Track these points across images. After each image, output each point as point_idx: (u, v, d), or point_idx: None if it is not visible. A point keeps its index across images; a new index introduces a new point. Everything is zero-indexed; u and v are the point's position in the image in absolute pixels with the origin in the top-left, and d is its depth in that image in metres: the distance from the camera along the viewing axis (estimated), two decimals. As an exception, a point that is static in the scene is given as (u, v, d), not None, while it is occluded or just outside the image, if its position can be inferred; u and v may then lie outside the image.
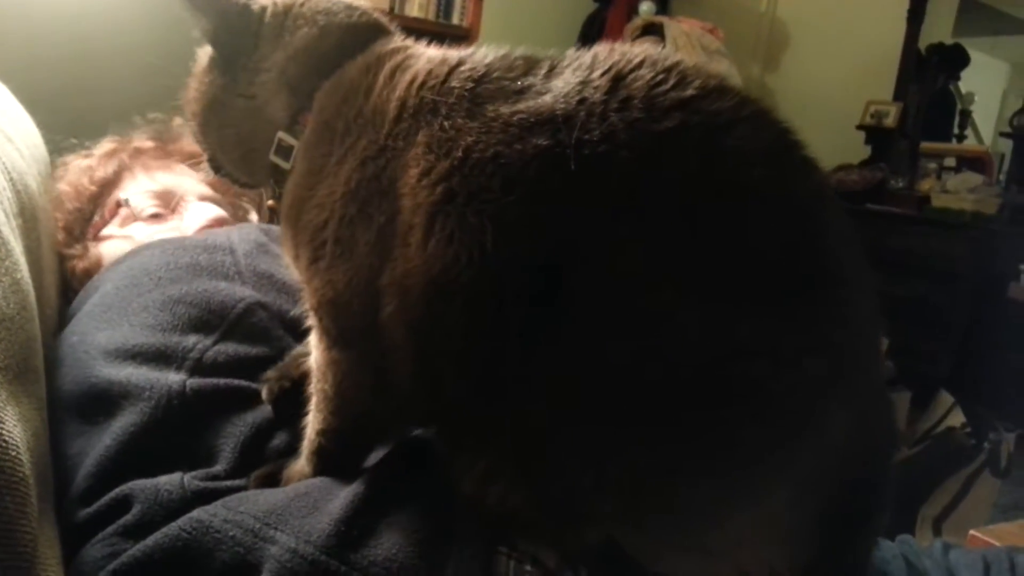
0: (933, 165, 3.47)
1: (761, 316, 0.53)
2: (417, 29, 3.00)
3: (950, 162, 3.46)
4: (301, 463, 0.72)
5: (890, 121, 3.55)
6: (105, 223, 1.08)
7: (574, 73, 0.59)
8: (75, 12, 1.86)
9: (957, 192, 3.21)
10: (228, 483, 0.69)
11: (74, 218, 1.06)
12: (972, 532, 1.04)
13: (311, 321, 0.70)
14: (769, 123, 0.58)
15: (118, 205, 1.08)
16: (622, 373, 0.54)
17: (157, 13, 1.91)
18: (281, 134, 0.73)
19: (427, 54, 0.69)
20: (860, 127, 3.66)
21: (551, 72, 0.61)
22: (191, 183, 1.12)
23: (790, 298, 0.54)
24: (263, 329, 0.81)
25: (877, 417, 0.61)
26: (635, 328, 0.54)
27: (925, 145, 3.55)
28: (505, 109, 0.58)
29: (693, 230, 0.54)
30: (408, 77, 0.65)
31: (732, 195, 0.55)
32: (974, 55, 3.61)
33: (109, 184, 1.11)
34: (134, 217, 1.08)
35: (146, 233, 1.04)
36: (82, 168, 1.12)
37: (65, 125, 1.11)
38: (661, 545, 0.62)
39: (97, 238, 1.08)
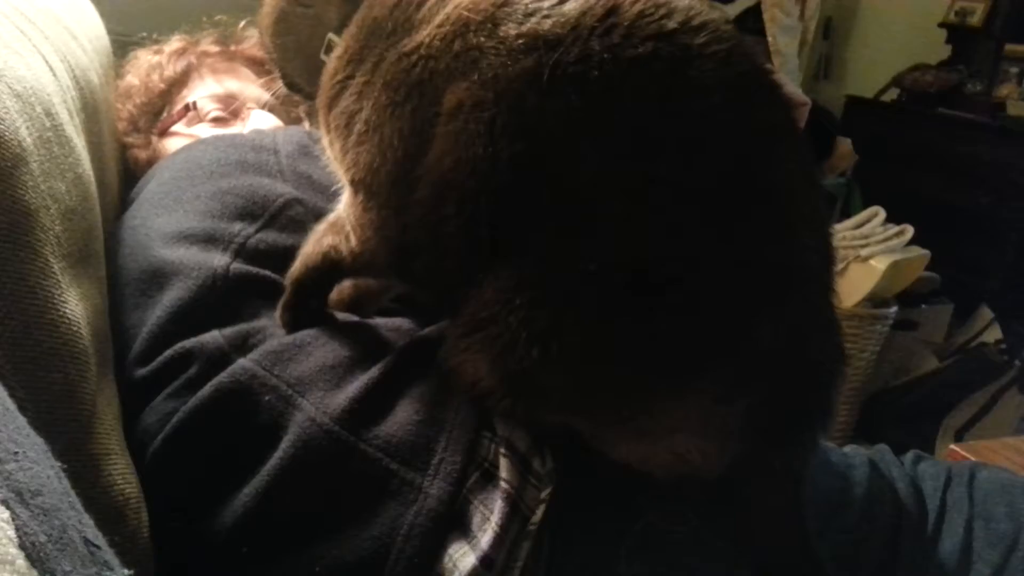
0: (1015, 70, 3.28)
1: (701, 226, 0.60)
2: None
3: (1034, 67, 3.27)
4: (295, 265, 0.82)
5: (975, 20, 3.36)
6: (173, 121, 1.17)
7: (581, 2, 0.64)
8: None
9: (1035, 101, 3.07)
10: (253, 325, 0.80)
11: (140, 112, 1.16)
12: (951, 446, 1.10)
13: (346, 191, 0.78)
14: (739, 60, 0.63)
15: (187, 108, 1.17)
16: (567, 264, 0.62)
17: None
18: (331, 35, 0.80)
19: None
20: (943, 24, 3.47)
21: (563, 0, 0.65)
22: (253, 89, 1.20)
23: (727, 215, 0.60)
24: (300, 222, 0.90)
25: (819, 334, 0.67)
26: (583, 226, 0.62)
27: (1010, 48, 3.35)
28: (512, 31, 0.64)
29: (642, 148, 0.61)
30: None
31: (685, 120, 0.61)
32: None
33: (178, 83, 1.19)
34: (199, 118, 1.17)
35: (209, 134, 1.12)
36: (152, 64, 1.20)
37: (127, 16, 1.18)
38: (603, 430, 0.71)
39: (163, 134, 1.17)
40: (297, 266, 0.82)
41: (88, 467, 0.65)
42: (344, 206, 0.78)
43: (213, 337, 0.78)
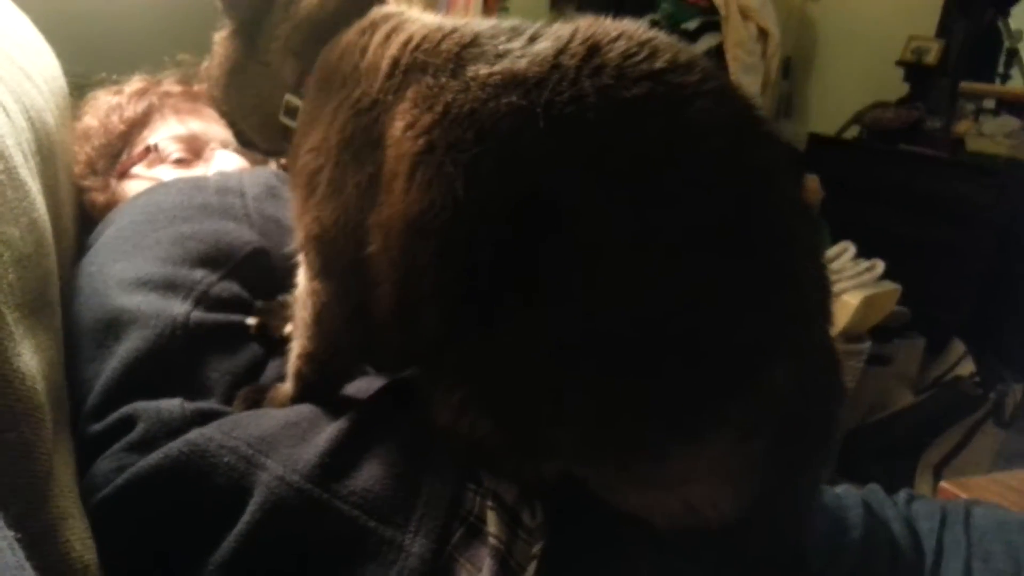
0: (972, 106, 3.37)
1: (706, 270, 0.58)
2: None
3: (989, 104, 3.35)
4: (286, 385, 0.79)
5: (931, 58, 3.45)
6: (133, 163, 1.13)
7: (553, 41, 0.63)
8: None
9: (993, 136, 3.13)
10: (221, 407, 0.76)
11: (98, 154, 1.11)
12: (942, 484, 1.08)
13: (299, 256, 0.76)
14: (731, 98, 0.62)
15: (147, 150, 1.13)
16: (575, 314, 0.59)
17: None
18: (288, 96, 0.78)
19: (422, 19, 0.73)
20: (900, 63, 3.56)
21: (533, 39, 0.64)
22: (217, 129, 1.16)
23: (734, 257, 0.58)
24: (264, 274, 0.86)
25: (822, 373, 0.65)
26: (588, 274, 0.59)
27: (965, 85, 3.44)
28: (484, 70, 0.62)
29: (649, 189, 0.58)
30: (403, 38, 0.69)
31: (687, 160, 0.59)
32: (1028, -11, 3.47)
33: (138, 124, 1.15)
34: (161, 160, 1.12)
35: (171, 177, 1.08)
36: (112, 105, 1.16)
37: (85, 55, 1.14)
38: (612, 478, 0.67)
39: (123, 176, 1.13)
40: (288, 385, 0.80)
41: (46, 533, 0.60)
42: (299, 279, 0.76)
43: (172, 406, 0.73)
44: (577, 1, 3.72)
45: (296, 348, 0.77)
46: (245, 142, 0.88)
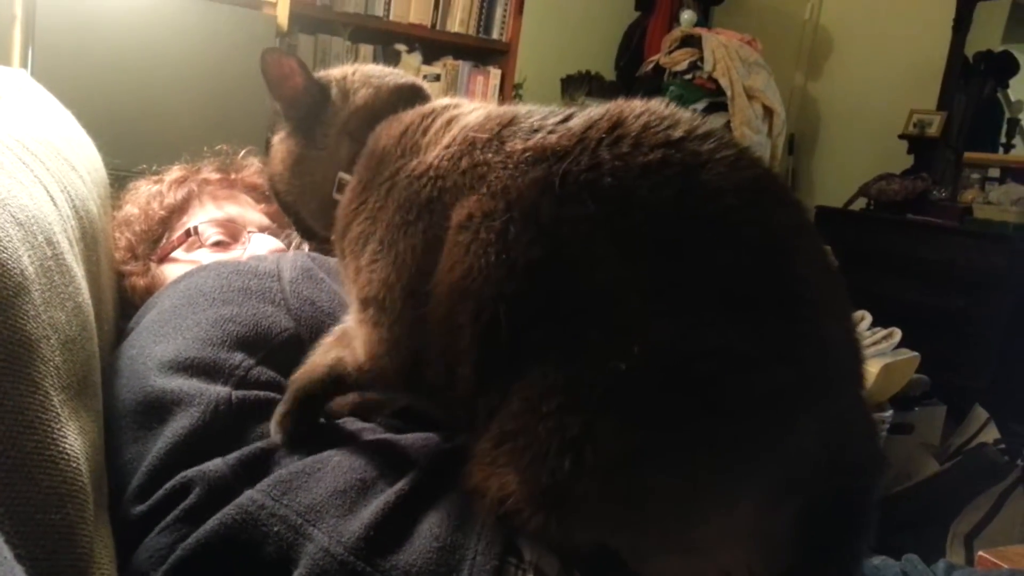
0: (976, 176, 3.42)
1: (730, 326, 0.59)
2: (458, 44, 3.07)
3: (994, 172, 3.41)
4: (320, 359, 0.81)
5: (933, 130, 3.53)
6: (173, 247, 1.17)
7: (584, 120, 0.67)
8: (136, 43, 1.96)
9: (1000, 204, 3.18)
10: (262, 444, 0.77)
11: (139, 239, 1.15)
12: (980, 553, 1.06)
13: (352, 313, 0.78)
14: (747, 164, 0.64)
15: (187, 234, 1.17)
16: (596, 367, 0.61)
17: (217, 48, 2.02)
18: (341, 174, 0.82)
19: (477, 108, 0.78)
20: (903, 136, 3.63)
21: (567, 118, 0.68)
22: (253, 214, 1.21)
23: (758, 313, 0.60)
24: (299, 360, 0.88)
25: (858, 435, 0.66)
26: (608, 331, 0.60)
27: (969, 155, 3.50)
28: (519, 146, 0.67)
29: (667, 249, 0.61)
30: (463, 123, 0.75)
31: (703, 221, 0.61)
32: (1025, 62, 3.56)
33: (178, 210, 1.20)
34: (200, 243, 1.16)
35: (210, 259, 1.12)
36: (152, 193, 1.21)
37: (123, 149, 1.19)
38: (645, 544, 0.67)
39: (163, 260, 1.16)
40: (301, 373, 0.80)
41: (85, 614, 0.60)
42: (353, 322, 0.77)
43: (216, 465, 0.74)
44: (588, 86, 3.84)
45: (336, 351, 0.79)
46: (304, 231, 0.92)
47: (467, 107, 0.80)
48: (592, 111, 0.68)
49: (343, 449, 0.79)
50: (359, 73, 0.88)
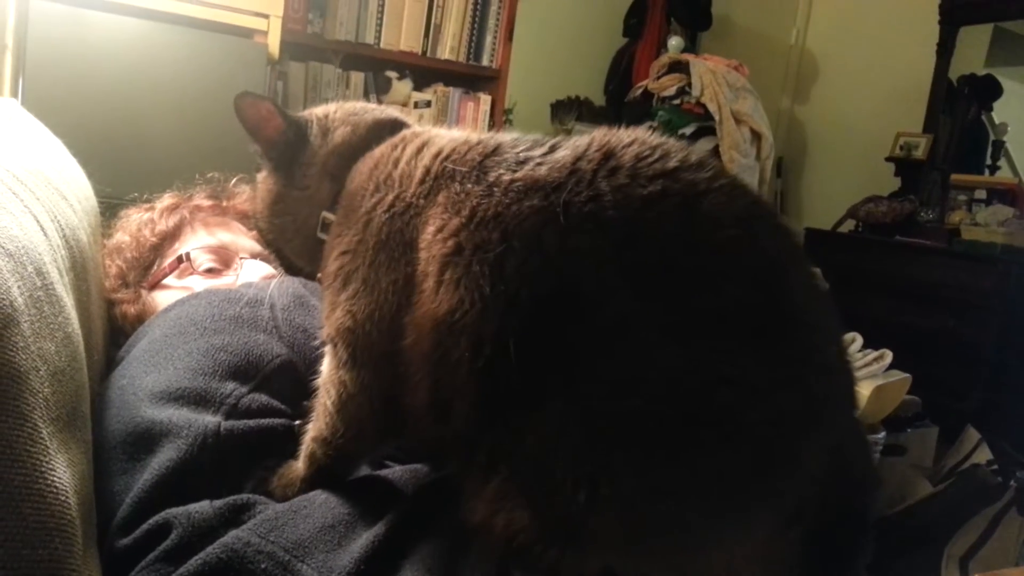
0: (963, 197, 3.45)
1: (733, 354, 0.59)
2: (449, 71, 3.09)
3: (981, 194, 3.44)
4: (298, 464, 0.80)
5: (920, 153, 3.56)
6: (165, 274, 1.17)
7: (571, 151, 0.67)
8: (127, 72, 1.97)
9: (987, 225, 3.20)
10: (248, 496, 0.76)
11: (130, 267, 1.15)
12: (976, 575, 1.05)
13: (325, 348, 0.78)
14: (742, 193, 0.65)
15: (179, 260, 1.17)
16: (604, 400, 0.60)
17: (208, 76, 2.02)
18: (325, 213, 0.83)
19: (450, 135, 0.78)
20: (889, 159, 3.66)
21: (552, 149, 0.68)
22: (245, 240, 1.21)
23: (761, 340, 0.60)
24: (293, 385, 0.87)
25: (855, 455, 0.66)
26: (614, 361, 0.60)
27: (955, 177, 3.53)
28: (506, 176, 0.67)
29: (670, 280, 0.61)
30: (434, 151, 0.74)
31: (706, 251, 0.62)
32: (1008, 85, 3.60)
33: (170, 237, 1.20)
34: (192, 270, 1.16)
35: (202, 286, 1.12)
36: (143, 221, 1.21)
37: (114, 177, 1.19)
38: (655, 569, 0.67)
39: (154, 287, 1.16)
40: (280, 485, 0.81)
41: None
42: (321, 380, 0.79)
43: (202, 507, 0.73)
44: (577, 111, 3.87)
45: (312, 431, 0.79)
46: (289, 267, 0.93)
47: (440, 132, 0.80)
48: (576, 141, 0.68)
49: (329, 487, 0.78)
50: (340, 111, 0.89)
